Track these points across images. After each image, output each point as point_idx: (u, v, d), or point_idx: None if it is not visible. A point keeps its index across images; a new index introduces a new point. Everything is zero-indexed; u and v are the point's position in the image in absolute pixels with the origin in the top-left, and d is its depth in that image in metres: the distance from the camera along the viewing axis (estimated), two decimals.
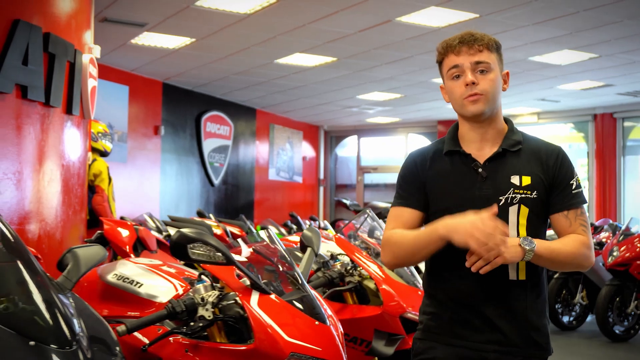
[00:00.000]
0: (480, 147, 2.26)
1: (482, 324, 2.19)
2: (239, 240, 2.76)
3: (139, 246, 4.69)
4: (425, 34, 8.38)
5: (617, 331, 7.78)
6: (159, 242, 4.95)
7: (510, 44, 8.75)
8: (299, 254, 3.51)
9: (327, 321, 2.61)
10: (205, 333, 2.58)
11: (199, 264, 2.49)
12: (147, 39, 9.02)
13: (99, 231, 4.91)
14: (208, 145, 13.30)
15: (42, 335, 1.82)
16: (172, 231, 5.88)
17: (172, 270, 2.91)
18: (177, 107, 12.52)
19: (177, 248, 2.44)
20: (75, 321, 1.95)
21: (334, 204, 18.00)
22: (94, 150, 6.78)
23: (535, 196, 2.20)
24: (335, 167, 18.37)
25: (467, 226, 2.02)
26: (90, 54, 5.83)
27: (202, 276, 2.74)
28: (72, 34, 5.40)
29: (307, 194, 17.27)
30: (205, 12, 7.69)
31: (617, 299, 7.74)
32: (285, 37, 8.76)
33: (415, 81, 11.34)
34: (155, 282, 2.75)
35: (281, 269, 2.76)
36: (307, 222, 12.19)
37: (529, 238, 2.10)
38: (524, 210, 2.19)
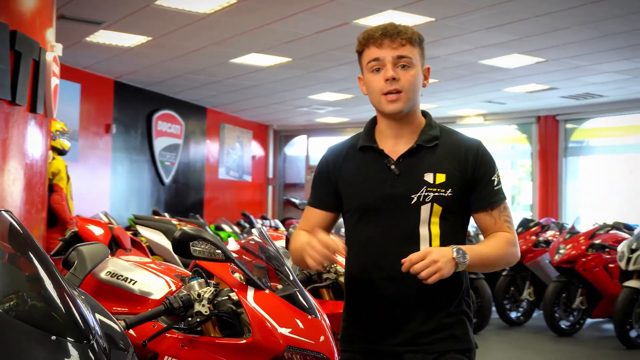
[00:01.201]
0: (395, 143, 2.18)
1: (394, 326, 2.15)
2: (230, 238, 2.83)
3: (114, 245, 4.68)
4: None
5: (563, 326, 8.06)
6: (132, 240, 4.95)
7: (462, 47, 8.98)
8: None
9: (319, 315, 2.71)
10: (200, 328, 2.65)
11: (199, 260, 2.57)
12: (104, 37, 8.94)
13: (72, 230, 4.89)
14: (159, 143, 13.22)
15: (61, 330, 1.84)
16: (140, 229, 5.86)
17: (163, 268, 2.97)
18: (128, 105, 12.42)
19: (180, 245, 2.51)
20: (89, 315, 2.00)
21: (282, 203, 18.07)
22: (53, 148, 6.71)
23: (450, 194, 2.12)
24: (284, 166, 18.44)
25: (306, 250, 2.01)
26: (53, 52, 5.79)
27: (196, 273, 2.81)
28: (36, 32, 5.36)
29: (256, 193, 17.29)
30: (165, 11, 7.68)
31: (563, 295, 8.01)
32: (243, 37, 8.79)
33: None
34: (148, 279, 2.80)
35: (271, 265, 2.84)
36: (259, 221, 12.24)
37: (462, 250, 2.03)
38: (437, 208, 2.12)
